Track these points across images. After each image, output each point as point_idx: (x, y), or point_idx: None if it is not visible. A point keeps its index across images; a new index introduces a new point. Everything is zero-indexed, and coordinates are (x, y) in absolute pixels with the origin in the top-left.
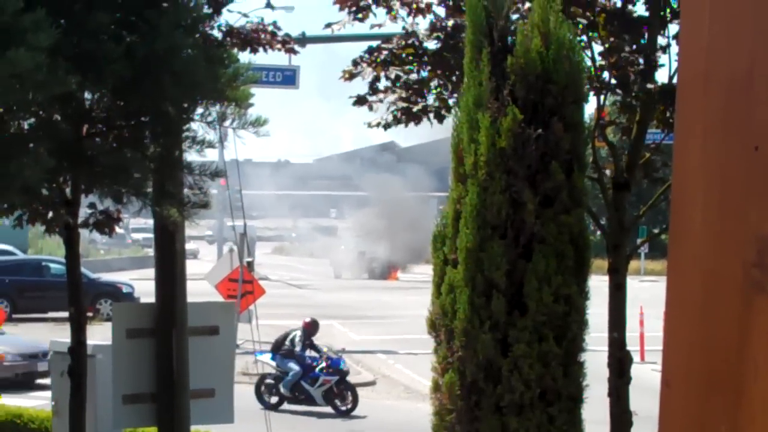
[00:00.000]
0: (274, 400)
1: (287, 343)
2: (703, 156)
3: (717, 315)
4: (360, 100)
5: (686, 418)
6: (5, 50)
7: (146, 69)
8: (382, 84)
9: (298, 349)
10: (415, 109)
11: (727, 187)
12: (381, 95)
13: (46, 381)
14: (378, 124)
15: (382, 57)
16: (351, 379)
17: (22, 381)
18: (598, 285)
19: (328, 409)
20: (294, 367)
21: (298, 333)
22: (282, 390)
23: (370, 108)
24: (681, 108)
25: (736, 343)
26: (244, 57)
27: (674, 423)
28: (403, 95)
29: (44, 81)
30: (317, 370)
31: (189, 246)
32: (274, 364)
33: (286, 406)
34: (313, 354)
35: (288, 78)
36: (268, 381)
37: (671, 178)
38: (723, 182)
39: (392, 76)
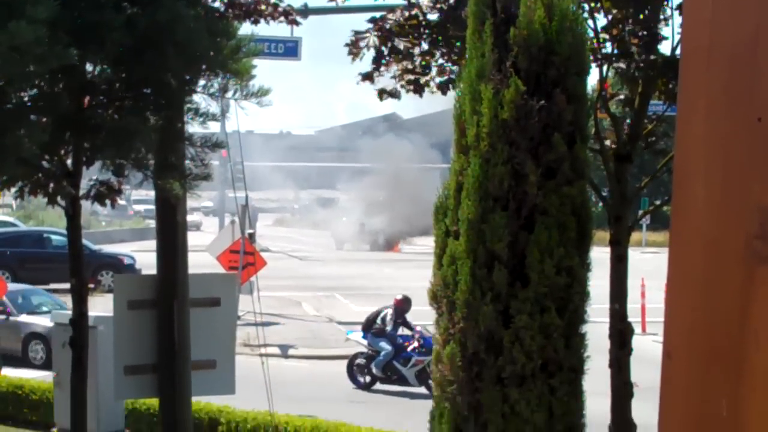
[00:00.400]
0: (366, 379)
1: (378, 321)
2: (706, 128)
3: (719, 287)
4: (367, 77)
5: (687, 389)
6: (5, 23)
7: (148, 40)
8: (385, 59)
9: (389, 328)
10: (422, 80)
11: (730, 159)
12: (384, 67)
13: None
14: (387, 93)
15: (387, 27)
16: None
17: None
18: (600, 257)
19: (422, 390)
20: (386, 346)
21: (390, 311)
22: (374, 370)
23: (372, 81)
24: (684, 80)
25: (738, 315)
26: (246, 29)
27: (675, 394)
28: (408, 66)
29: (44, 54)
30: (409, 349)
31: (192, 218)
32: (365, 342)
33: (378, 386)
34: (406, 332)
35: (290, 49)
36: (360, 361)
37: (674, 149)
38: (726, 154)
39: (400, 46)
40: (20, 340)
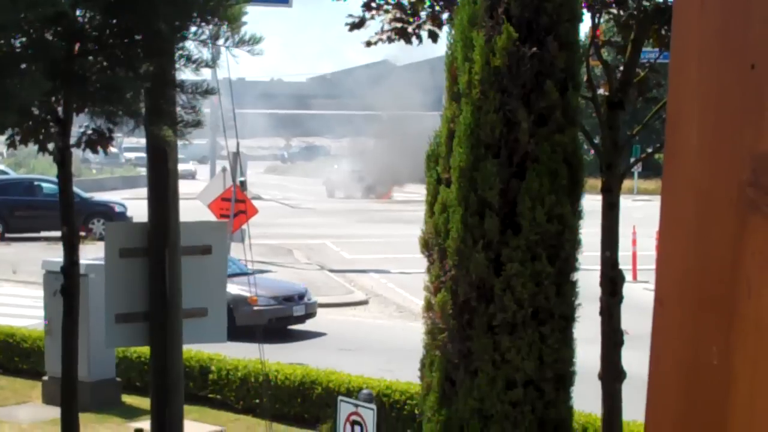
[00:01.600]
0: None
1: None
2: (699, 75)
3: (711, 234)
4: (355, 25)
5: (679, 337)
6: None
7: None
8: (375, 3)
9: None
10: (409, 28)
11: (723, 106)
12: (374, 13)
13: (301, 327)
14: (374, 43)
15: None
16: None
17: (276, 327)
18: (591, 204)
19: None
20: None
21: None
22: None
23: (361, 27)
24: (677, 26)
25: (730, 263)
26: None
27: (667, 342)
28: (398, 15)
29: (37, 0)
30: None
31: (187, 166)
32: None
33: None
34: None
35: None
36: None
37: (666, 97)
38: (719, 101)
39: None
40: None
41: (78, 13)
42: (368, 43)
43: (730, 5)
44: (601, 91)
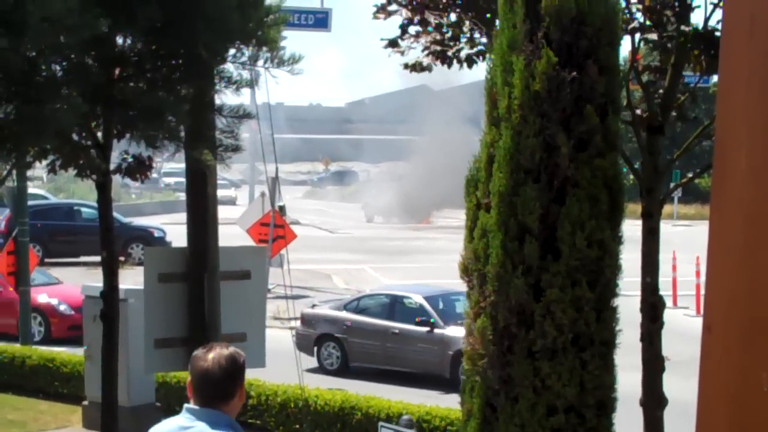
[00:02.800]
0: None
1: None
2: (748, 98)
3: (759, 259)
4: (392, 43)
5: (727, 363)
6: None
7: (178, 13)
8: (413, 29)
9: None
10: (449, 52)
11: None
12: (413, 39)
13: None
14: (414, 66)
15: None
16: None
17: None
18: (631, 229)
19: None
20: None
21: None
22: None
23: (397, 46)
24: (725, 50)
25: None
26: None
27: (715, 368)
28: (437, 38)
29: (75, 24)
30: None
31: (227, 192)
32: None
33: None
34: None
35: (320, 21)
36: None
37: (707, 121)
38: (767, 124)
39: (430, 19)
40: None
41: (118, 38)
42: (407, 66)
43: None
44: (638, 111)
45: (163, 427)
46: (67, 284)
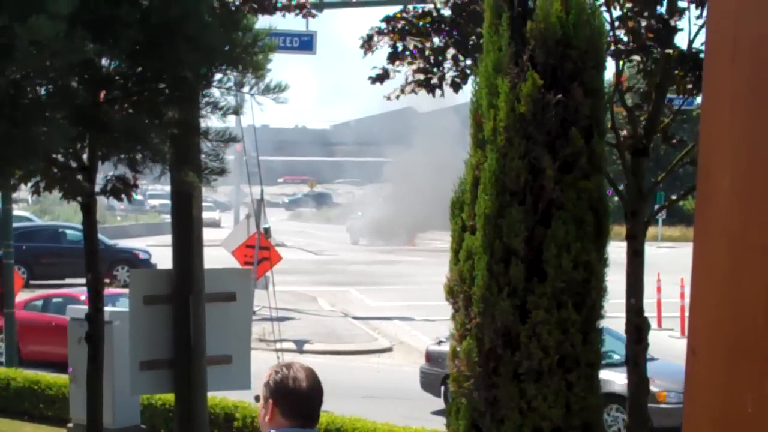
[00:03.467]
0: None
1: None
2: (731, 120)
3: (744, 281)
4: (378, 78)
5: (713, 385)
6: (26, 17)
7: (161, 35)
8: (397, 63)
9: None
10: (432, 80)
11: (756, 152)
12: (398, 66)
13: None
14: (397, 96)
15: (399, 26)
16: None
17: None
18: (616, 251)
19: None
20: None
21: None
22: None
23: (382, 82)
24: (709, 72)
25: (763, 310)
26: (264, 23)
27: (700, 390)
28: (421, 65)
29: (62, 48)
30: None
31: (211, 214)
32: None
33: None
34: None
35: (305, 43)
36: None
37: (692, 143)
38: (751, 147)
39: (410, 46)
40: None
41: (103, 61)
42: (388, 98)
43: (761, 51)
44: (623, 133)
45: None
46: None
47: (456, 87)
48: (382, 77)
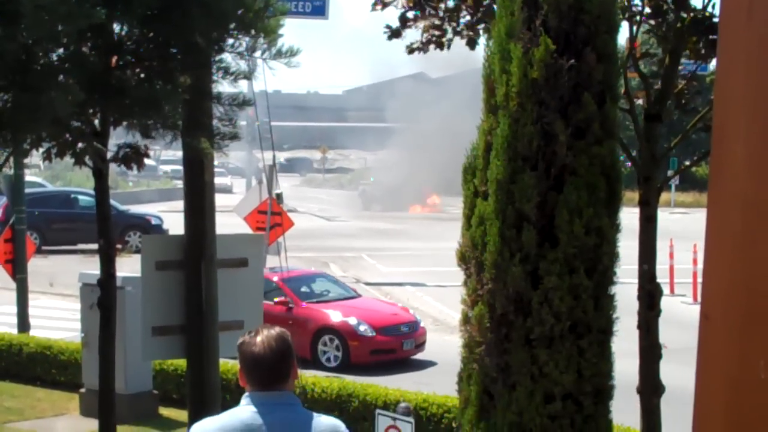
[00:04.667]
0: None
1: None
2: (746, 87)
3: (757, 247)
4: (394, 33)
5: (725, 350)
6: None
7: (173, 1)
8: (410, 13)
9: None
10: (445, 38)
11: None
12: (411, 23)
13: None
14: (416, 49)
15: None
16: None
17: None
18: (629, 217)
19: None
20: None
21: None
22: None
23: (399, 37)
24: (723, 36)
25: None
26: None
27: (713, 355)
28: (436, 22)
29: (71, 12)
30: None
31: (223, 180)
32: None
33: None
34: None
35: (317, 8)
36: None
37: (705, 108)
38: (766, 113)
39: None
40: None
41: (115, 26)
42: (410, 49)
43: None
44: (639, 101)
45: (233, 421)
46: (365, 298)
47: (472, 44)
48: (396, 33)
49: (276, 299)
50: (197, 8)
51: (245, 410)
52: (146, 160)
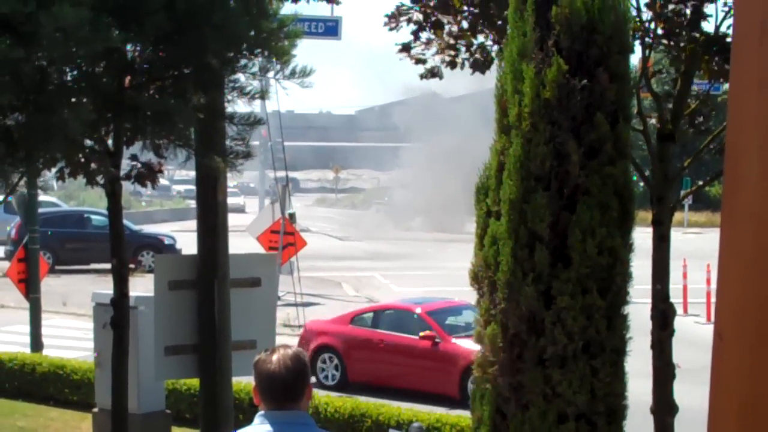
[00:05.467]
0: None
1: None
2: (759, 106)
3: None
4: (405, 48)
5: (739, 370)
6: (50, 5)
7: (187, 22)
8: (425, 36)
9: None
10: (459, 59)
11: None
12: (424, 46)
13: None
14: (428, 72)
15: (431, 3)
16: None
17: None
18: (642, 237)
19: None
20: None
21: None
22: None
23: (409, 52)
24: (736, 58)
25: None
26: (289, 8)
27: (727, 375)
28: (450, 42)
29: (88, 36)
30: None
31: (236, 200)
32: None
33: None
34: None
35: (330, 29)
36: None
37: (718, 128)
38: None
39: (444, 20)
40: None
41: (128, 47)
42: (423, 76)
43: None
44: (652, 121)
45: None
46: None
47: (482, 68)
48: (408, 46)
49: (421, 333)
50: (210, 30)
51: (259, 429)
52: (160, 180)
